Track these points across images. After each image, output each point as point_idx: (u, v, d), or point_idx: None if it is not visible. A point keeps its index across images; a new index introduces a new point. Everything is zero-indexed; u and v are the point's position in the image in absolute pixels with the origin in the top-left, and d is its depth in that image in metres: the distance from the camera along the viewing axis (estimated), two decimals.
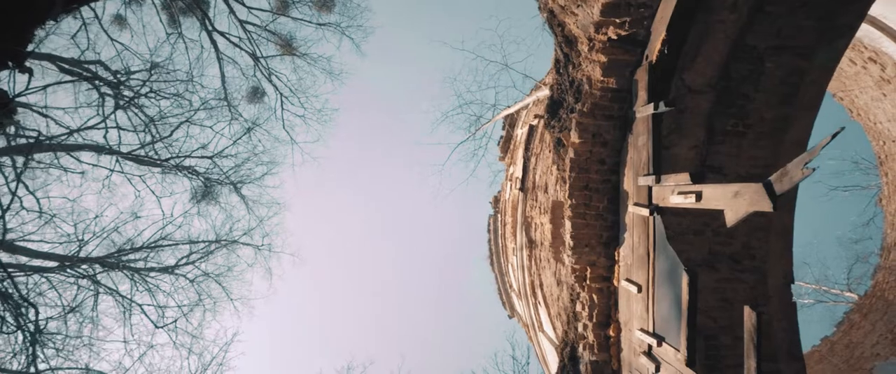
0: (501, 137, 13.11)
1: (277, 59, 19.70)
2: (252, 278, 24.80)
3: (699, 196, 4.33)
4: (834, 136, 3.02)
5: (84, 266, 17.03)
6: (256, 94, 20.16)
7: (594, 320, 6.16)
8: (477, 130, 14.21)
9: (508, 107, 10.32)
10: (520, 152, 11.44)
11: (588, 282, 6.26)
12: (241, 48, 18.27)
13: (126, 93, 16.82)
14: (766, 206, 3.50)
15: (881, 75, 9.98)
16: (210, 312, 17.80)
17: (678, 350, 4.61)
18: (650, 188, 5.24)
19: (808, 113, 5.99)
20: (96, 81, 16.06)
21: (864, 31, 9.69)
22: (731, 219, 3.94)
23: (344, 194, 42.68)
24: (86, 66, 16.88)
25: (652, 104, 5.12)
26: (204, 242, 17.46)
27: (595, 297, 6.18)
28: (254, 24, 18.77)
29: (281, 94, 19.04)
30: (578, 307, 6.47)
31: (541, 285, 9.82)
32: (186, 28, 19.30)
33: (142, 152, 15.91)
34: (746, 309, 3.75)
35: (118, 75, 17.37)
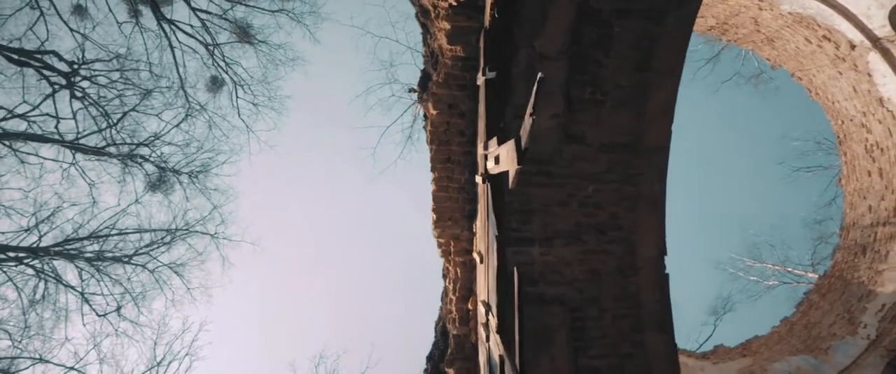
0: None
1: (235, 50, 19.59)
2: (210, 267, 24.69)
3: (498, 159, 4.24)
4: (539, 82, 2.93)
5: (42, 257, 17.07)
6: (216, 83, 20.08)
7: (457, 294, 6.09)
8: (404, 113, 14.13)
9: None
10: None
11: (452, 256, 6.17)
12: (194, 38, 18.19)
13: (78, 82, 16.78)
14: (515, 162, 3.40)
15: (836, 54, 9.77)
16: (170, 301, 17.82)
17: (494, 318, 4.53)
18: (486, 157, 5.15)
19: (667, 79, 5.85)
20: (44, 70, 16.02)
21: (816, 9, 9.46)
22: (511, 179, 3.85)
23: (304, 181, 42.10)
24: (36, 56, 16.82)
25: (481, 71, 5.02)
26: (157, 231, 17.45)
27: (458, 271, 6.10)
28: (209, 13, 18.65)
29: (235, 82, 18.96)
30: (447, 282, 6.39)
31: None
32: (146, 18, 19.22)
33: (87, 141, 15.86)
34: (515, 270, 3.66)
35: (73, 65, 17.32)
